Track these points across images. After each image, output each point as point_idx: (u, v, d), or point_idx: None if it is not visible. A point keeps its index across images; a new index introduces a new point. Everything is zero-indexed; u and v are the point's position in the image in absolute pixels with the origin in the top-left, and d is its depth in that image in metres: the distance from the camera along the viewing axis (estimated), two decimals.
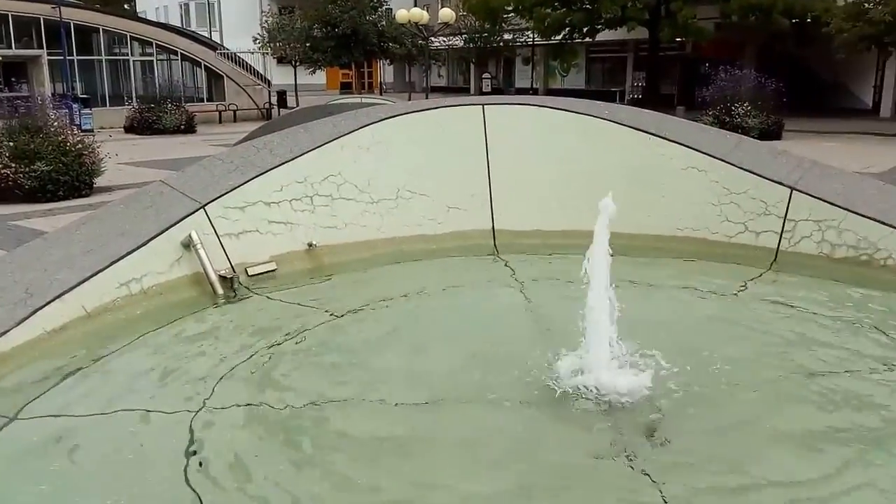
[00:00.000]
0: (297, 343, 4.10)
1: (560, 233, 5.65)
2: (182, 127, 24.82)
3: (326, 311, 4.54)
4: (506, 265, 5.55)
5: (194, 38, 32.40)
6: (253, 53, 34.29)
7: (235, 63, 31.46)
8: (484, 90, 40.06)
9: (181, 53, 29.73)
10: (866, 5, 20.84)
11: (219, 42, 37.67)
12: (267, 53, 35.69)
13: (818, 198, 5.33)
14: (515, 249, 5.81)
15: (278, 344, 4.07)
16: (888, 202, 5.27)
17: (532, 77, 41.85)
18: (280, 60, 38.29)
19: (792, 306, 4.57)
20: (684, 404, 3.32)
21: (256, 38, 37.40)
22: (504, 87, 42.52)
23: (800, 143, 17.93)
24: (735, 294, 4.82)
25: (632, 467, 2.86)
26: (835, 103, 29.26)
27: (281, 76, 38.61)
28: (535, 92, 37.82)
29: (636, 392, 3.33)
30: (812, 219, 5.31)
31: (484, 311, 4.73)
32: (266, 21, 38.75)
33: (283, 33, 36.77)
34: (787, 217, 5.41)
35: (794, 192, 5.42)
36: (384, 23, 37.72)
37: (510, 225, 6.06)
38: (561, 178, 6.07)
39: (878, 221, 5.06)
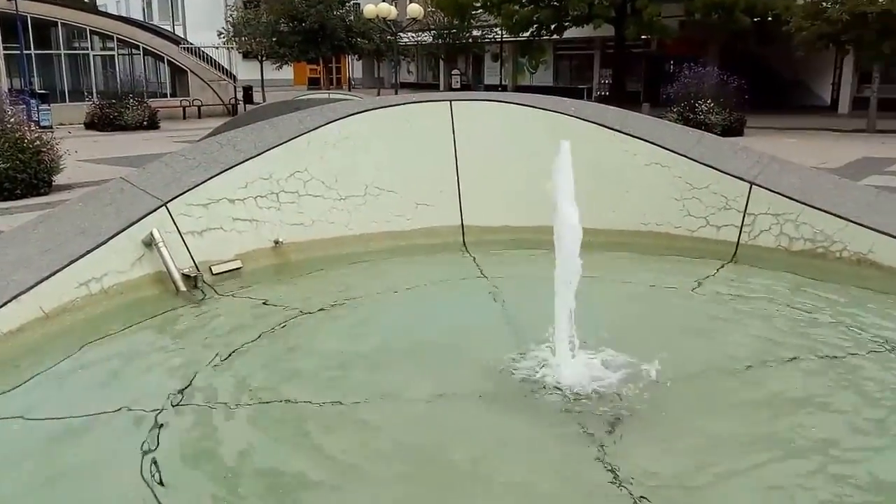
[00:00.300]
0: (263, 342, 4.07)
1: (529, 228, 5.68)
2: (144, 123, 24.42)
3: (293, 310, 4.50)
4: (475, 261, 5.57)
5: (157, 32, 31.93)
6: (218, 48, 33.88)
7: (200, 58, 31.05)
8: (453, 86, 40.07)
9: (143, 48, 29.25)
10: (824, 4, 21.21)
11: (182, 36, 37.21)
12: (232, 48, 35.30)
13: (776, 192, 5.45)
14: (484, 246, 5.84)
15: (244, 344, 4.02)
16: (843, 196, 5.40)
17: (501, 74, 41.97)
18: (246, 55, 37.89)
19: (751, 299, 4.66)
20: (647, 396, 3.36)
21: (221, 33, 36.90)
22: (473, 84, 42.59)
23: (761, 140, 18.26)
24: (696, 288, 4.90)
25: (597, 459, 2.90)
26: (795, 100, 29.81)
27: (247, 71, 38.21)
28: (503, 89, 37.92)
29: (600, 382, 3.39)
30: (771, 213, 5.42)
31: (453, 308, 4.74)
32: (231, 15, 38.28)
33: (248, 28, 36.34)
34: (747, 211, 5.51)
35: (753, 186, 5.53)
36: (352, 18, 37.48)
37: (479, 221, 6.08)
38: (529, 175, 6.09)
39: (834, 215, 5.18)
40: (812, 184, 5.57)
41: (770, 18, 24.76)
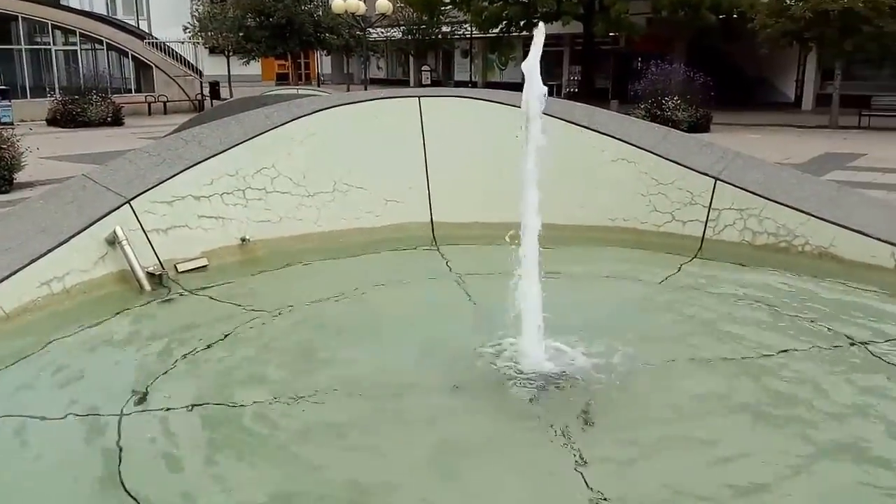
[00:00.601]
0: (228, 342, 4.03)
1: (498, 224, 5.68)
2: (108, 119, 24.01)
3: (260, 309, 4.47)
4: (444, 257, 5.57)
5: (121, 26, 31.35)
6: (183, 43, 33.40)
7: (165, 53, 30.59)
8: (423, 82, 39.95)
9: (107, 43, 28.73)
10: (788, 2, 21.52)
11: (147, 31, 36.58)
12: (198, 43, 34.80)
13: (740, 187, 5.52)
14: (454, 241, 5.84)
15: (209, 343, 3.98)
16: (805, 191, 5.49)
17: (471, 70, 41.96)
18: (212, 51, 37.41)
19: (714, 293, 4.73)
20: (614, 387, 3.41)
21: (187, 28, 36.42)
22: (443, 80, 42.52)
23: (726, 136, 18.49)
24: (662, 282, 4.96)
25: (563, 446, 2.93)
26: (759, 97, 30.22)
27: (213, 67, 37.72)
28: (474, 85, 37.94)
29: (565, 372, 3.44)
30: (735, 207, 5.50)
31: (423, 304, 4.74)
32: (197, 10, 37.77)
33: (214, 23, 35.89)
34: (712, 206, 5.58)
35: (718, 182, 5.60)
36: (320, 13, 37.19)
37: (448, 217, 6.08)
38: (497, 170, 6.11)
39: (796, 209, 5.27)
40: (775, 179, 5.65)
41: (735, 16, 25.05)
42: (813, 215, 5.21)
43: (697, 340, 4.01)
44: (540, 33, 3.67)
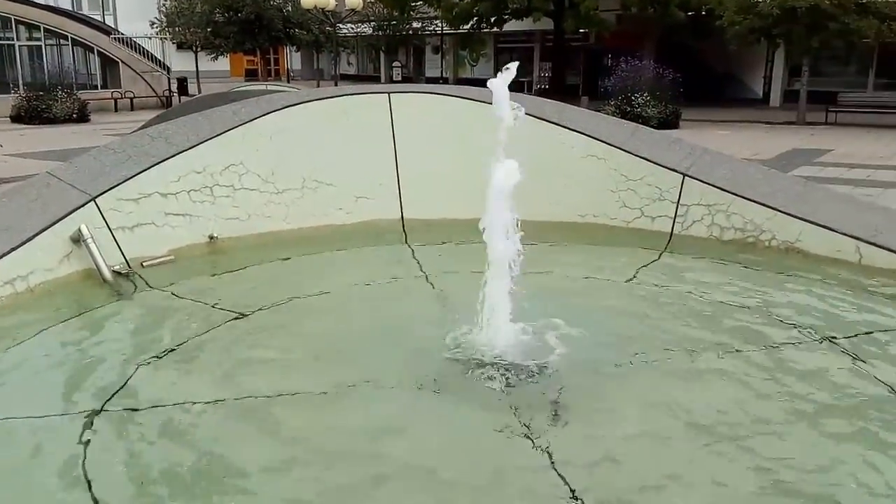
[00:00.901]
0: (195, 342, 3.97)
1: (469, 221, 5.69)
2: (74, 115, 23.63)
3: (228, 308, 4.41)
4: (415, 254, 5.56)
5: (86, 22, 30.83)
6: (151, 39, 32.95)
7: (132, 48, 30.16)
8: (394, 79, 39.87)
9: (72, 38, 28.24)
10: None
11: (113, 26, 36.04)
12: (166, 39, 34.37)
13: (708, 183, 5.58)
14: (425, 238, 5.83)
15: (177, 344, 3.92)
16: (772, 186, 5.56)
17: (442, 66, 41.95)
18: (180, 46, 36.97)
19: (682, 288, 4.77)
20: (583, 381, 3.44)
21: (154, 23, 35.93)
22: (414, 76, 42.44)
23: (695, 132, 18.70)
24: (631, 278, 4.99)
25: (531, 441, 2.94)
26: (728, 93, 30.61)
27: (181, 62, 37.25)
28: (445, 81, 37.92)
29: (534, 367, 3.47)
30: (703, 203, 5.56)
31: (393, 302, 4.72)
32: (164, 5, 37.27)
33: (182, 18, 35.45)
34: (680, 202, 5.64)
35: (686, 178, 5.65)
36: (290, 8, 36.90)
37: (419, 213, 6.07)
38: (468, 167, 6.10)
39: (763, 205, 5.34)
40: (742, 175, 5.72)
41: (704, 13, 25.35)
42: (779, 210, 5.29)
43: (666, 336, 4.04)
44: (510, 72, 3.75)
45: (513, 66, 3.69)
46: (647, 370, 3.66)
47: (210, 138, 5.54)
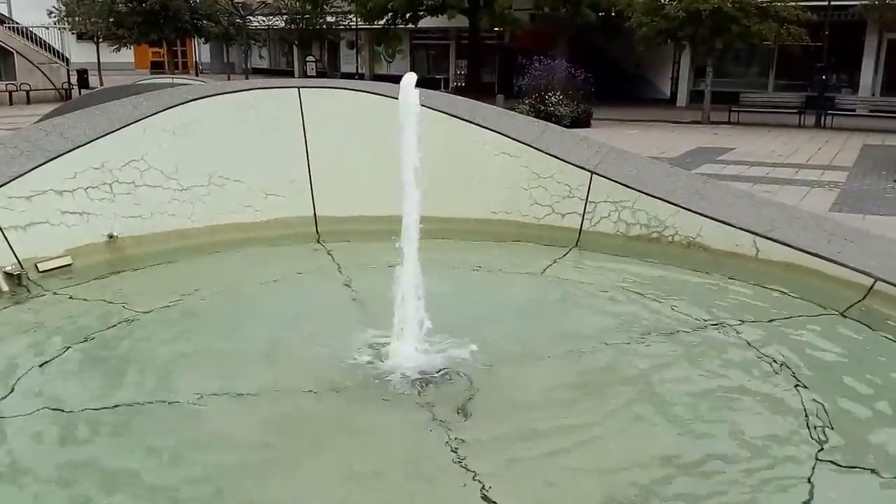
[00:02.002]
0: (93, 344, 3.80)
1: (382, 218, 5.65)
2: None
3: (128, 309, 4.24)
4: (328, 252, 5.48)
5: None
6: (48, 28, 31.36)
7: (28, 39, 28.65)
8: (308, 73, 39.19)
9: None
10: (662, 1, 22.58)
11: (7, 15, 34.05)
12: (64, 29, 32.76)
13: (614, 180, 5.72)
14: (338, 236, 5.76)
15: (73, 346, 3.74)
16: (675, 183, 5.75)
17: (357, 62, 41.56)
18: (80, 37, 35.35)
19: (591, 283, 4.88)
20: (491, 378, 3.47)
21: (52, 12, 34.20)
22: (329, 72, 41.89)
23: (606, 131, 19.20)
24: (541, 273, 5.07)
25: (446, 443, 2.94)
26: (638, 93, 31.53)
27: (82, 54, 35.66)
28: (361, 77, 37.58)
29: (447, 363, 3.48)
30: (610, 200, 5.69)
31: (304, 301, 4.64)
32: None
33: (82, 7, 33.87)
34: (589, 199, 5.75)
35: (593, 175, 5.78)
36: None
37: (332, 211, 5.99)
38: (380, 164, 6.06)
39: (666, 201, 5.51)
40: (647, 172, 5.89)
41: (614, 14, 26.02)
42: (681, 207, 5.46)
43: (577, 330, 4.13)
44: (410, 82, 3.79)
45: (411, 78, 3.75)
46: (555, 364, 3.72)
47: (108, 133, 5.31)
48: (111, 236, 5.10)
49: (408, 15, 29.84)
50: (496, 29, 30.41)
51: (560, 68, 21.59)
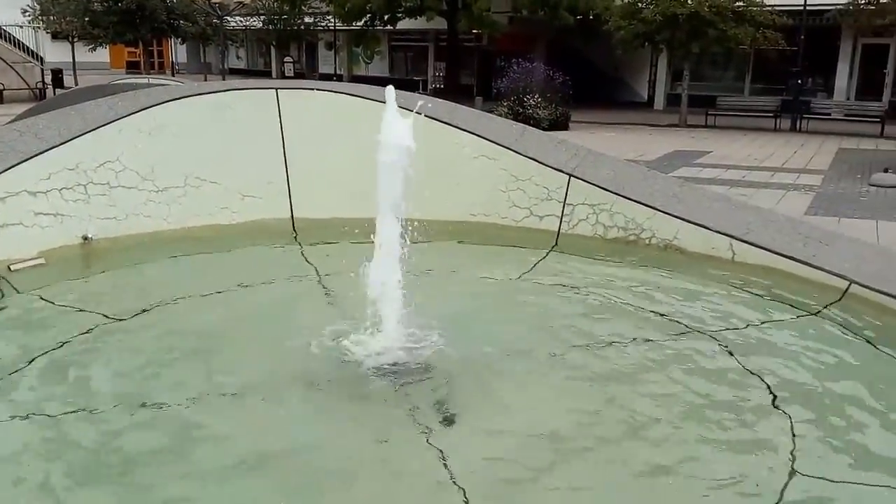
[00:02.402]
0: (67, 349, 3.74)
1: (359, 220, 5.63)
2: None
3: (103, 312, 4.18)
4: (305, 254, 5.45)
5: None
6: (23, 27, 30.95)
7: (1, 37, 28.21)
8: (286, 74, 39.03)
9: None
10: (640, 4, 22.78)
11: None
12: (39, 28, 32.33)
13: (592, 183, 5.75)
14: (315, 238, 5.72)
15: (43, 351, 3.67)
16: (652, 186, 5.79)
17: (336, 63, 41.43)
18: (55, 36, 34.92)
19: (568, 285, 4.90)
20: (468, 377, 3.48)
21: (26, 11, 33.74)
22: (307, 73, 41.73)
23: (584, 134, 19.30)
24: (520, 276, 5.08)
25: (420, 434, 2.95)
26: (616, 96, 31.76)
27: (57, 53, 35.23)
28: (339, 78, 37.42)
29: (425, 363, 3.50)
30: (587, 203, 5.72)
31: (281, 304, 4.60)
32: None
33: (57, 6, 33.46)
34: (567, 202, 5.78)
35: (571, 178, 5.80)
36: None
37: (310, 213, 5.96)
38: (358, 165, 6.03)
39: (643, 204, 5.56)
40: (624, 175, 5.93)
41: (592, 17, 26.18)
42: (658, 210, 5.51)
43: (554, 332, 4.14)
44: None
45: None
46: (534, 366, 3.73)
47: (83, 133, 5.25)
48: (86, 238, 5.05)
49: (386, 16, 29.79)
50: (474, 31, 30.46)
51: (538, 71, 21.67)
